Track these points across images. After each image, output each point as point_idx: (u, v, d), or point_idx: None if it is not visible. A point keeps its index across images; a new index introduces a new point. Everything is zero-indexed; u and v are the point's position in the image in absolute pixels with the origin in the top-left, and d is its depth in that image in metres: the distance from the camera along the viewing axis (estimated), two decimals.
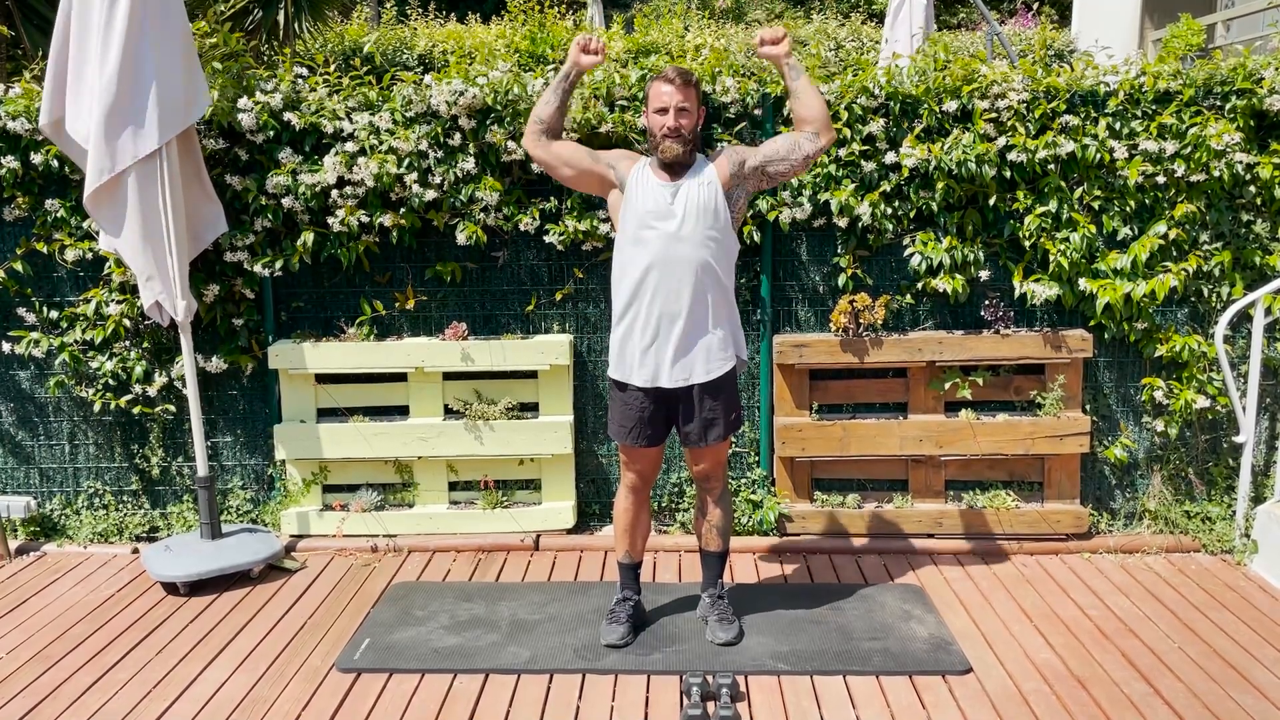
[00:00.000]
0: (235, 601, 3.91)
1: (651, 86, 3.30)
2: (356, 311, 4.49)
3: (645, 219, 3.25)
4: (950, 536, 4.32)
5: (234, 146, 4.31)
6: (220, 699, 3.19)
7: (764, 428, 4.46)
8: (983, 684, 3.21)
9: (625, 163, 3.35)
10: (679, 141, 3.23)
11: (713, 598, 3.56)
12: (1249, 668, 3.29)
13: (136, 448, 4.58)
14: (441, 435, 4.37)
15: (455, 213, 4.34)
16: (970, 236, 4.27)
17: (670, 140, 3.23)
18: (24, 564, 4.33)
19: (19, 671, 3.38)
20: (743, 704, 3.10)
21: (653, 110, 3.28)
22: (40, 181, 4.37)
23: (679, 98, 3.23)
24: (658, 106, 3.26)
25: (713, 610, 3.53)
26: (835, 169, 4.23)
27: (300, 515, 4.46)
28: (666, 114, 3.24)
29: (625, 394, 3.35)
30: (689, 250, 3.22)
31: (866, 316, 4.24)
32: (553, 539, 4.40)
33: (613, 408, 3.42)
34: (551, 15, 5.18)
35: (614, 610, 3.53)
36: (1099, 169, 4.23)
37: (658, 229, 3.23)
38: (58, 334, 4.47)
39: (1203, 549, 4.24)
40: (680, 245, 3.22)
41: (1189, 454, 4.41)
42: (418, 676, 3.30)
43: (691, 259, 3.22)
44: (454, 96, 4.14)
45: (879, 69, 4.32)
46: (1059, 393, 4.26)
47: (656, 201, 3.25)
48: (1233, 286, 4.26)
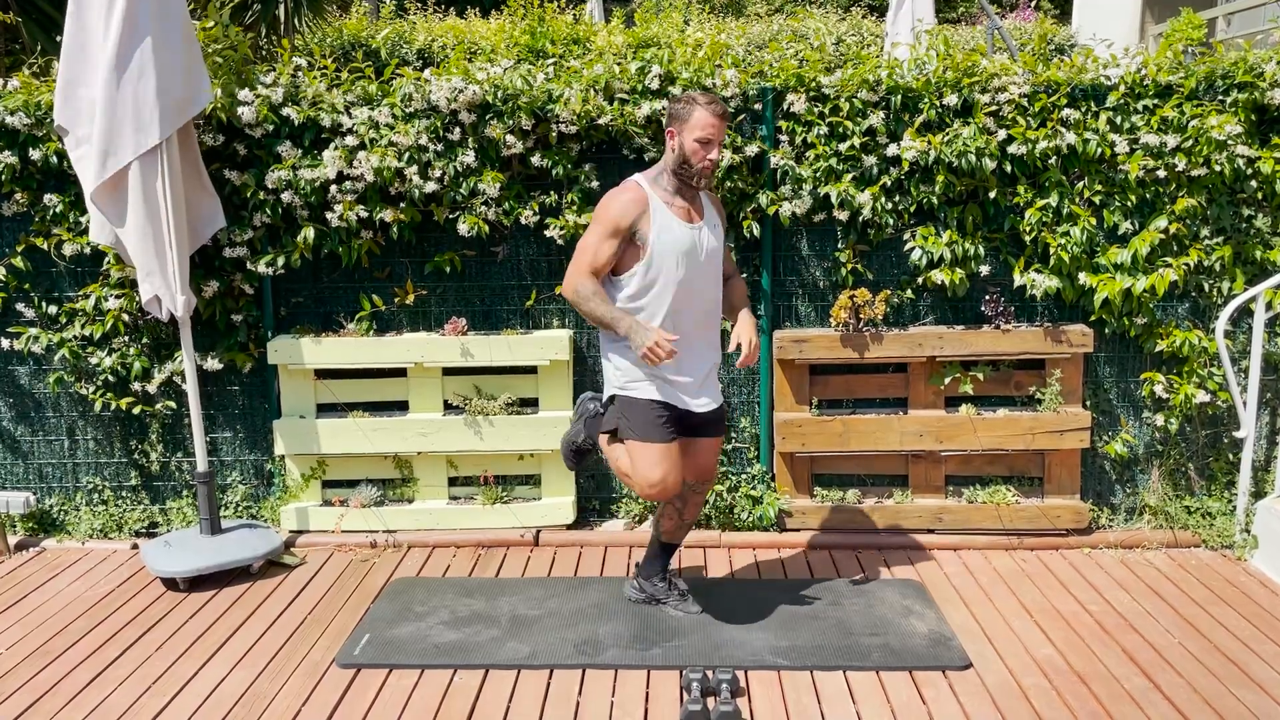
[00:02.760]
0: (235, 597, 3.91)
1: (698, 113, 3.20)
2: (356, 307, 4.48)
3: (679, 259, 3.26)
4: (950, 532, 4.32)
5: (232, 141, 4.30)
6: (220, 694, 3.19)
7: (764, 423, 4.46)
8: (983, 679, 3.21)
9: (633, 209, 3.24)
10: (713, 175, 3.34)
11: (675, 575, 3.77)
12: (1249, 663, 3.29)
13: (136, 443, 4.58)
14: (441, 430, 4.37)
15: (456, 206, 4.33)
16: (971, 231, 4.26)
17: (709, 175, 3.27)
18: (23, 559, 4.32)
19: (19, 667, 3.38)
20: (743, 699, 3.10)
21: (696, 138, 3.20)
22: (39, 177, 4.36)
23: (722, 133, 3.25)
24: (704, 137, 3.20)
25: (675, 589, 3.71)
26: (836, 162, 4.22)
27: (300, 511, 4.46)
28: (710, 146, 3.21)
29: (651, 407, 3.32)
30: (710, 289, 3.39)
31: (867, 311, 4.24)
32: (553, 534, 4.40)
33: (634, 413, 3.32)
34: (551, 10, 5.16)
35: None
36: (1100, 163, 4.22)
37: (686, 269, 3.28)
38: (57, 330, 4.46)
39: (1203, 544, 4.24)
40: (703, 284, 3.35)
41: (1189, 449, 4.41)
42: (418, 672, 3.30)
43: (711, 297, 3.41)
44: (454, 93, 4.13)
45: (879, 62, 4.31)
46: (1059, 388, 4.25)
47: (686, 242, 3.28)
48: (1233, 281, 4.25)
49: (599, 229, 3.25)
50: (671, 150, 3.27)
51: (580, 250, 3.27)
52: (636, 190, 3.27)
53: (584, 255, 3.26)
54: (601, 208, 3.27)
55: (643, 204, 3.24)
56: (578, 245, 3.31)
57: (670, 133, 3.27)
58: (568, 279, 3.29)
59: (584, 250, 3.26)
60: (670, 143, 3.28)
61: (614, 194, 3.29)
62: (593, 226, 3.28)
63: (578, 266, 3.27)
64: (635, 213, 3.23)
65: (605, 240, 3.24)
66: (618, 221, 3.23)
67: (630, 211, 3.23)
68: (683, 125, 3.22)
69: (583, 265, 3.25)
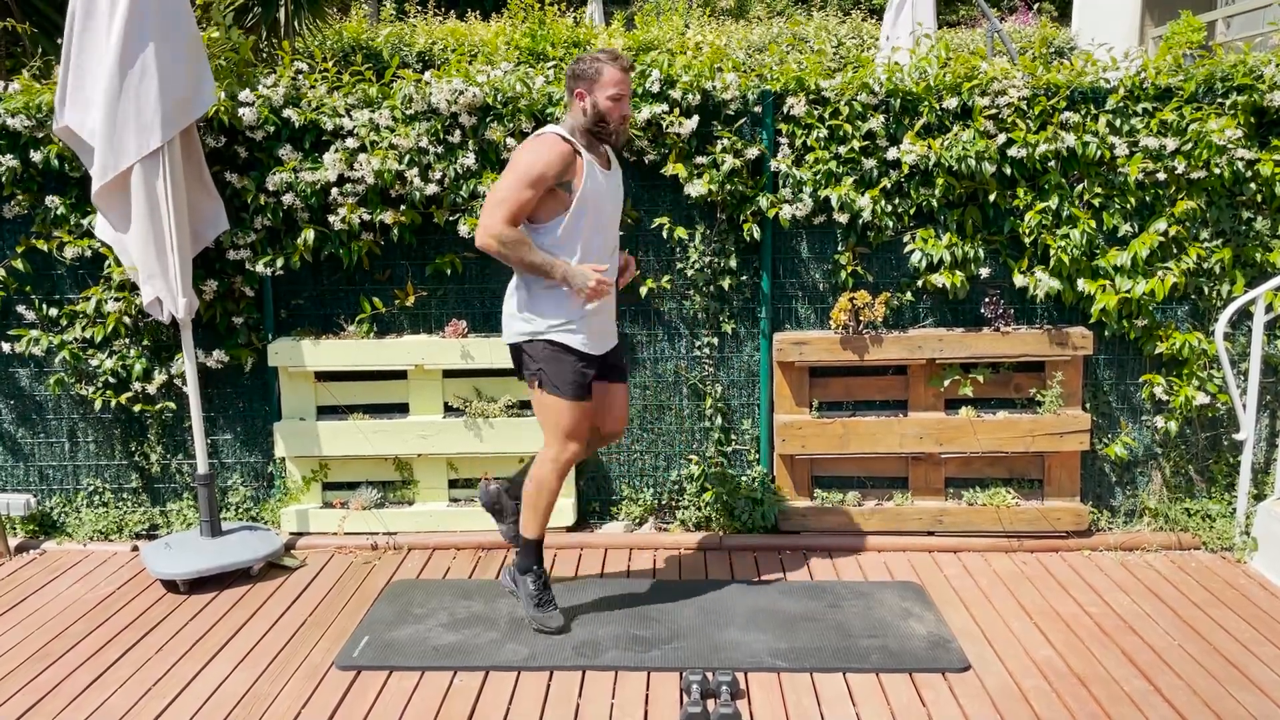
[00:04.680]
0: (235, 599, 3.91)
1: (608, 70, 3.32)
2: (356, 309, 4.49)
3: (600, 206, 3.40)
4: (950, 534, 4.32)
5: (233, 143, 4.30)
6: (220, 696, 3.19)
7: (764, 425, 4.46)
8: (983, 681, 3.21)
9: (560, 162, 3.29)
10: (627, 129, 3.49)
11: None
12: (1249, 665, 3.29)
13: (136, 445, 4.58)
14: (441, 433, 4.37)
15: (456, 208, 4.33)
16: (970, 233, 4.27)
17: (624, 129, 3.42)
18: (24, 562, 4.33)
19: (19, 669, 3.39)
20: (743, 701, 3.10)
21: (609, 96, 3.32)
22: (40, 179, 4.37)
23: (629, 87, 3.41)
24: (616, 93, 3.34)
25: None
26: (836, 165, 4.23)
27: (300, 513, 4.46)
28: (623, 101, 3.36)
29: (580, 361, 3.44)
30: (615, 233, 3.55)
31: (867, 314, 4.24)
32: (553, 536, 4.39)
33: (563, 371, 3.41)
34: (552, 13, 5.17)
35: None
36: (1099, 166, 4.23)
37: (609, 215, 3.46)
38: (57, 332, 4.47)
39: (1203, 546, 4.24)
40: (613, 229, 3.52)
41: (1189, 451, 4.41)
42: (418, 674, 3.30)
43: (615, 241, 3.56)
44: (454, 95, 4.14)
45: (879, 65, 4.32)
46: (1059, 390, 4.25)
47: (609, 191, 3.45)
48: (1233, 284, 4.26)
49: (519, 177, 3.27)
50: (583, 111, 3.36)
51: (499, 200, 3.28)
52: (563, 144, 3.31)
53: (504, 205, 3.27)
54: (525, 159, 3.29)
55: (570, 157, 3.32)
56: (492, 194, 3.32)
57: (579, 94, 3.36)
58: (485, 228, 3.29)
59: (504, 200, 3.27)
60: (580, 104, 3.36)
61: (535, 147, 3.31)
62: (512, 175, 3.28)
63: (497, 215, 3.27)
64: (562, 165, 3.30)
65: (525, 189, 3.27)
66: (544, 172, 3.28)
67: (558, 164, 3.29)
68: (593, 84, 3.34)
69: (504, 214, 3.27)
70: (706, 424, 4.49)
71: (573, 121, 3.40)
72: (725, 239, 4.35)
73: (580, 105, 3.36)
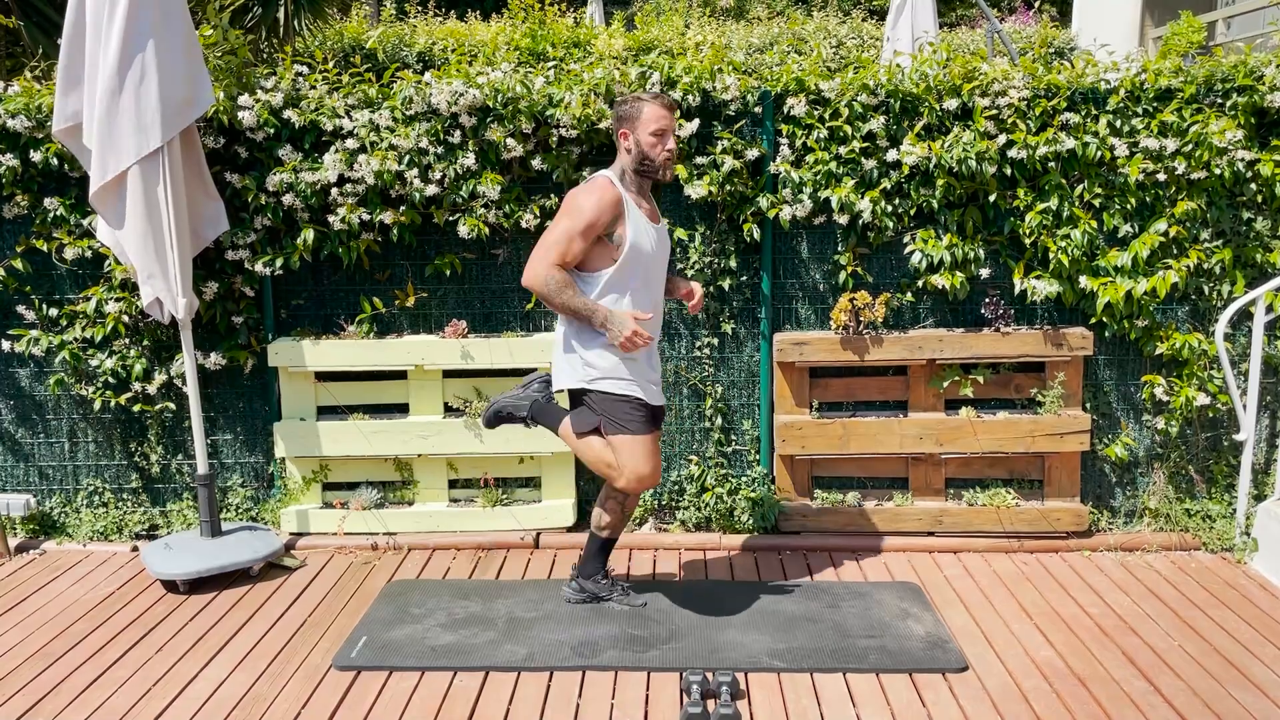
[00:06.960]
0: (235, 599, 3.91)
1: (648, 108, 3.31)
2: (356, 309, 4.49)
3: (648, 260, 3.39)
4: (950, 534, 4.32)
5: (233, 144, 4.31)
6: (220, 697, 3.19)
7: (764, 425, 4.46)
8: (983, 681, 3.21)
9: (610, 211, 3.29)
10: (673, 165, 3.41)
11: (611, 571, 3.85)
12: (1249, 665, 3.29)
13: (136, 445, 4.58)
14: (441, 433, 4.37)
15: (456, 209, 4.33)
16: (971, 234, 4.27)
17: (670, 165, 3.37)
18: (23, 562, 4.33)
19: (19, 669, 3.39)
20: (743, 702, 3.10)
21: (651, 132, 3.31)
22: (40, 179, 4.37)
23: (674, 124, 3.37)
24: (659, 129, 3.31)
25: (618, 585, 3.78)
26: (836, 166, 4.23)
27: (300, 513, 4.46)
28: (666, 137, 3.33)
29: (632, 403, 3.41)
30: (660, 288, 3.54)
31: (867, 314, 4.24)
32: (553, 537, 4.40)
33: (619, 411, 3.39)
34: (552, 13, 5.17)
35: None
36: (1099, 166, 4.23)
37: (656, 273, 3.46)
38: (57, 332, 4.47)
39: (1203, 547, 4.24)
40: (659, 284, 3.51)
41: (1189, 452, 4.41)
42: (417, 674, 3.30)
43: (660, 295, 3.55)
44: (454, 97, 4.14)
45: (880, 67, 4.32)
46: (1059, 390, 4.25)
47: (658, 247, 3.43)
48: (1233, 284, 4.26)
49: (572, 224, 3.27)
50: (627, 151, 3.36)
51: (550, 242, 3.28)
52: (613, 190, 3.31)
53: (555, 247, 3.27)
54: (576, 204, 3.29)
55: (619, 206, 3.31)
56: (545, 236, 3.32)
57: (623, 134, 3.35)
58: (534, 269, 3.29)
59: (554, 243, 3.28)
60: (625, 144, 3.36)
61: (588, 191, 3.31)
62: (565, 220, 3.29)
63: (548, 258, 3.27)
64: (612, 215, 3.30)
65: (578, 236, 3.27)
66: (594, 220, 3.27)
67: (608, 212, 3.28)
68: (635, 123, 3.32)
69: (553, 257, 3.27)
70: (706, 424, 4.49)
71: (621, 164, 3.40)
72: (725, 239, 4.35)
73: (625, 145, 3.36)
